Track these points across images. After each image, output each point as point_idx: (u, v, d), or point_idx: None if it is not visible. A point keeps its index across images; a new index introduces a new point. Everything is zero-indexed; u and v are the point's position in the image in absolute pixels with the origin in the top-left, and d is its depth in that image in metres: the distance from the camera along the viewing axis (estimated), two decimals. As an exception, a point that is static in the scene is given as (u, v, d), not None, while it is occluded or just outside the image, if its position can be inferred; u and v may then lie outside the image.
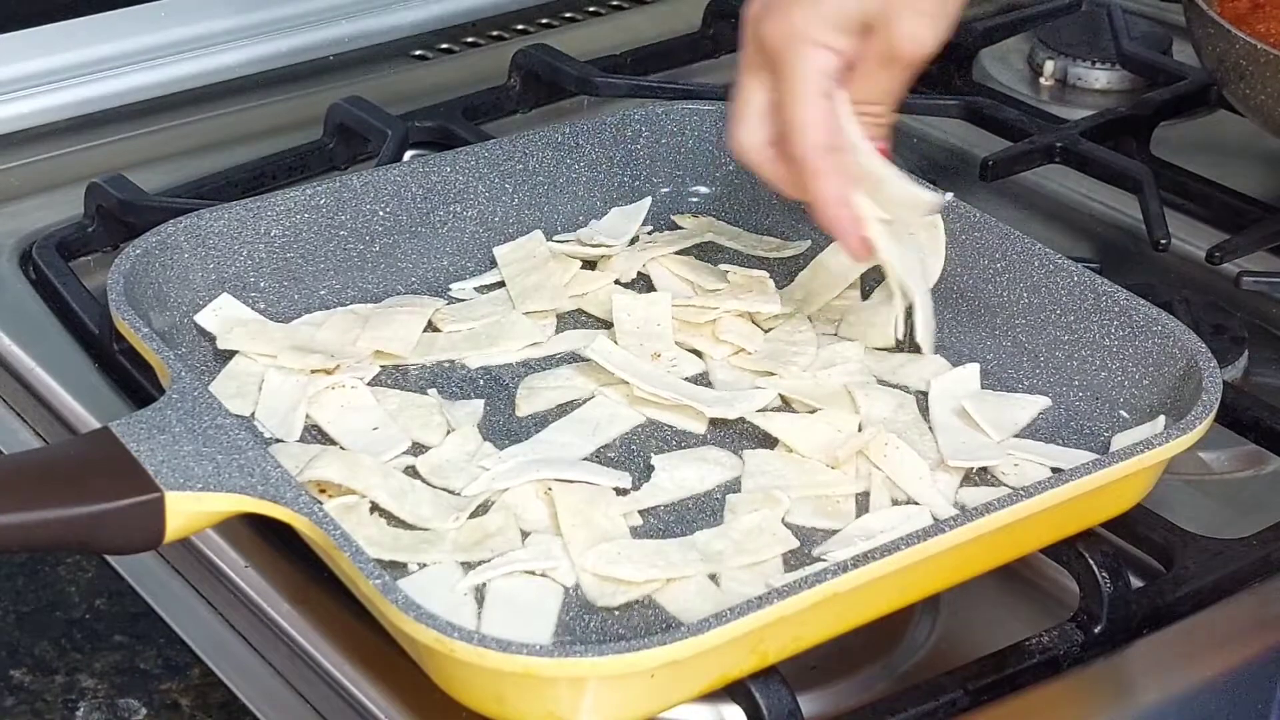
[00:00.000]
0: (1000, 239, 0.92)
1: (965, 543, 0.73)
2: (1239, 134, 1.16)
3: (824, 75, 0.81)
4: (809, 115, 0.82)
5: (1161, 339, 0.85)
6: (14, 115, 1.16)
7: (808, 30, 0.81)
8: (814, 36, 0.81)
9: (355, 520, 0.77)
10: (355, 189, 0.94)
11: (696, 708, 0.74)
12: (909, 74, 0.84)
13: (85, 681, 0.76)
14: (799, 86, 0.82)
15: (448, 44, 1.29)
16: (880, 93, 0.83)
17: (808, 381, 0.88)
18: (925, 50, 0.82)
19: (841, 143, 0.83)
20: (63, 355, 0.94)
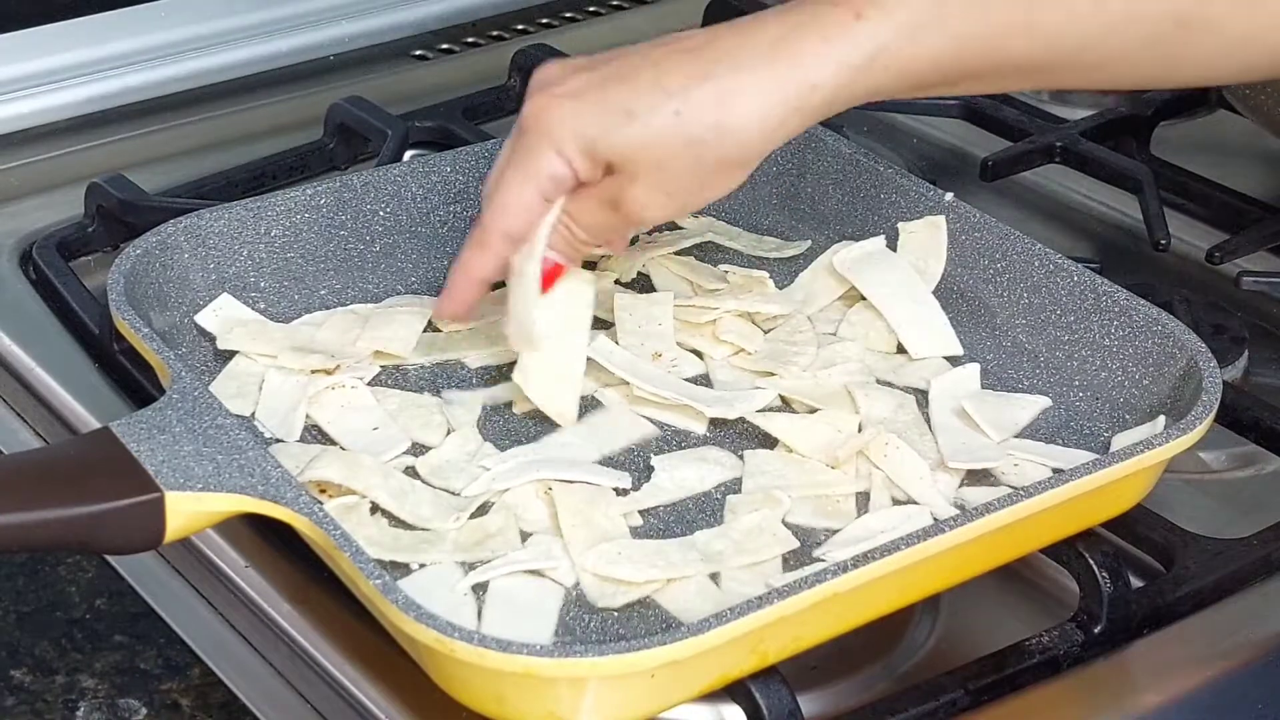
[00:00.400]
0: (1000, 239, 0.92)
1: (965, 543, 0.73)
2: (1239, 134, 1.16)
3: (546, 176, 0.80)
4: (509, 198, 0.81)
5: (1161, 339, 0.85)
6: (14, 115, 1.16)
7: (555, 130, 0.79)
8: (560, 145, 0.79)
9: (355, 520, 0.77)
10: (355, 189, 0.94)
11: (696, 708, 0.74)
12: (627, 229, 0.84)
13: (85, 681, 0.76)
14: (515, 170, 0.80)
15: (448, 44, 1.29)
16: (591, 225, 0.82)
17: (808, 381, 0.88)
18: (646, 220, 0.81)
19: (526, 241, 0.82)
20: (63, 355, 0.94)
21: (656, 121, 0.78)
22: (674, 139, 0.78)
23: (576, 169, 0.80)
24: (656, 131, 0.78)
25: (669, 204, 0.80)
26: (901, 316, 0.91)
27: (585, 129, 0.79)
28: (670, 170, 0.79)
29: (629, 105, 0.78)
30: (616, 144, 0.78)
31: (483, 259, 0.83)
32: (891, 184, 0.97)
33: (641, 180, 0.79)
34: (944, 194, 0.95)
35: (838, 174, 0.99)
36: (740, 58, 0.78)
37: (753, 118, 0.78)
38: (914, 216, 0.95)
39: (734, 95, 0.78)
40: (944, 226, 0.94)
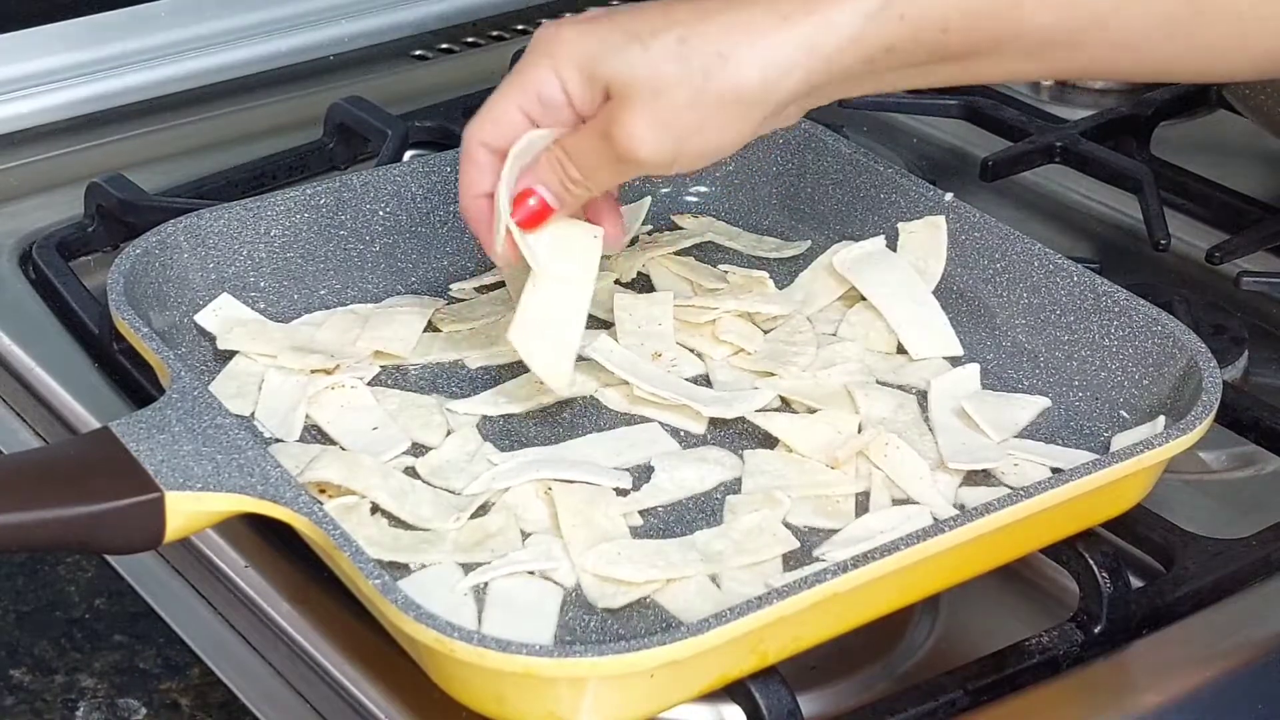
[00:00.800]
0: (1000, 239, 0.92)
1: (965, 543, 0.73)
2: (1239, 134, 1.16)
3: (535, 92, 0.78)
4: (488, 107, 0.79)
5: (1161, 339, 0.85)
6: (14, 115, 1.16)
7: (556, 49, 0.78)
8: (555, 57, 0.77)
9: (355, 520, 0.77)
10: (355, 189, 0.94)
11: (696, 708, 0.74)
12: (621, 168, 0.78)
13: (85, 681, 0.76)
14: (507, 82, 0.79)
15: (448, 44, 1.29)
16: (581, 157, 0.78)
17: (808, 381, 0.88)
18: (636, 155, 0.76)
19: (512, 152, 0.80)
20: (63, 355, 0.94)
21: (657, 45, 0.75)
22: (673, 64, 0.75)
23: (570, 91, 0.77)
24: (656, 54, 0.75)
25: (663, 138, 0.76)
26: (902, 317, 0.91)
27: (585, 49, 0.77)
28: (667, 99, 0.75)
29: (633, 29, 0.76)
30: (615, 65, 0.76)
31: (470, 172, 0.81)
32: (891, 184, 0.97)
33: (637, 107, 0.75)
34: (944, 194, 0.95)
35: (838, 174, 0.99)
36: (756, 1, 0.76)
37: (757, 52, 0.75)
38: (914, 216, 0.95)
39: (741, 28, 0.75)
40: (944, 226, 0.94)
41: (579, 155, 0.78)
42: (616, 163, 0.78)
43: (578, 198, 0.81)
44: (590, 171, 0.79)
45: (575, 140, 0.78)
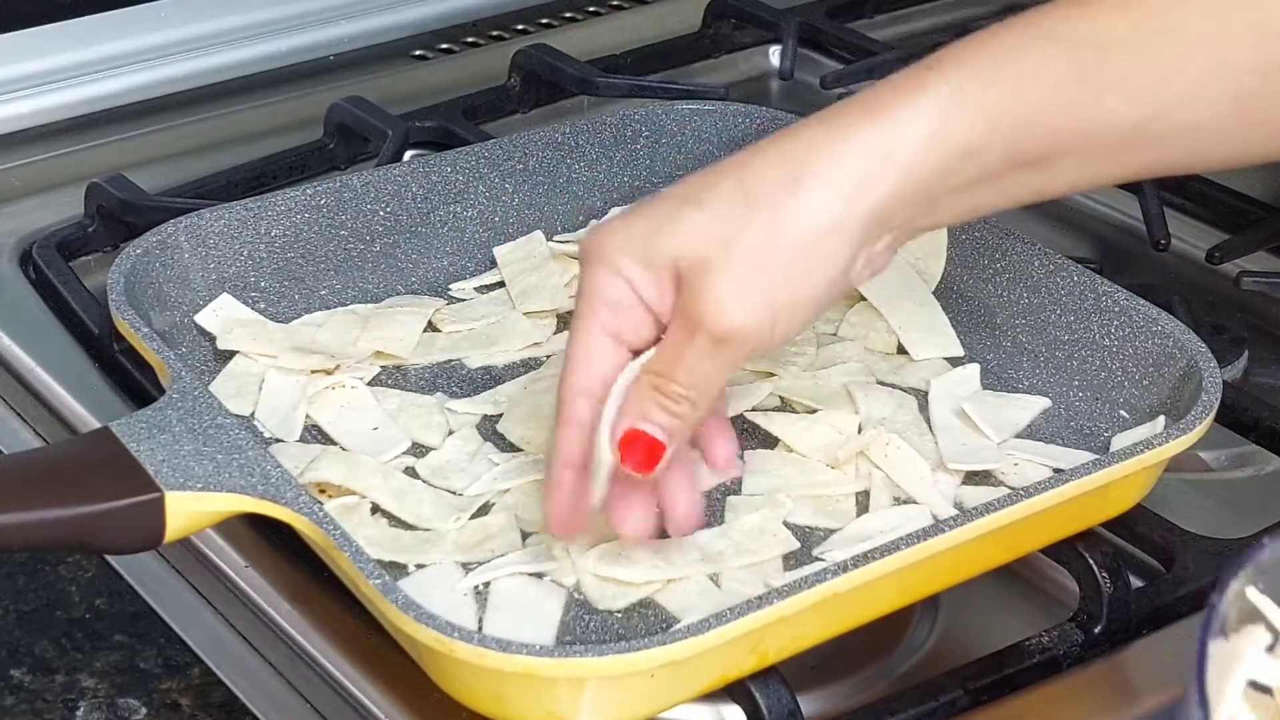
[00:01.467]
0: (1000, 239, 0.92)
1: (965, 543, 0.73)
2: (1239, 134, 1.16)
3: (608, 305, 0.69)
4: (573, 348, 0.70)
5: (1161, 339, 0.85)
6: (14, 115, 1.16)
7: (606, 248, 0.69)
8: (610, 258, 0.69)
9: (356, 521, 0.77)
10: (355, 189, 0.94)
11: (696, 708, 0.74)
12: (722, 355, 0.68)
13: (85, 681, 0.76)
14: (575, 317, 0.71)
15: (448, 44, 1.29)
16: (678, 368, 0.69)
17: (807, 382, 0.88)
18: (731, 324, 0.67)
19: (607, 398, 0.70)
20: (63, 355, 0.94)
21: (714, 197, 0.67)
22: (737, 211, 0.67)
23: (637, 286, 0.69)
24: (716, 208, 0.67)
25: (751, 296, 0.67)
26: (902, 318, 0.91)
27: (635, 235, 0.69)
28: (742, 251, 0.67)
29: (683, 194, 0.69)
30: (673, 238, 0.68)
31: (569, 434, 0.71)
32: (891, 184, 0.97)
33: (711, 273, 0.67)
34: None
35: (838, 174, 0.99)
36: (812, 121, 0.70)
37: (825, 170, 0.67)
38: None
39: (803, 149, 0.68)
40: (944, 226, 0.94)
41: (670, 366, 0.69)
42: (713, 350, 0.68)
43: (686, 418, 0.70)
44: (689, 375, 0.69)
45: (661, 351, 0.70)
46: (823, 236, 0.68)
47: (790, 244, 0.67)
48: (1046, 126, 0.70)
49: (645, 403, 0.70)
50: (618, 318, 0.70)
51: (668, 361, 0.69)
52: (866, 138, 0.68)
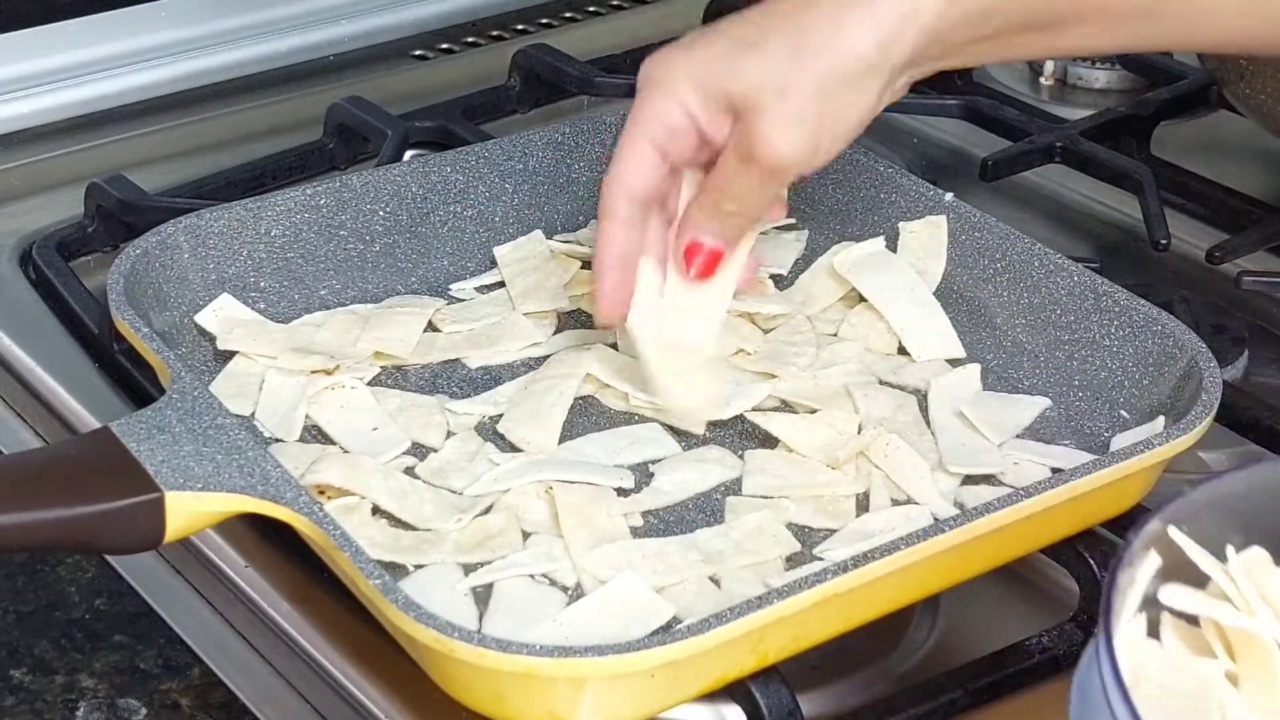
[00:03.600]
0: (1000, 239, 0.92)
1: (965, 543, 0.73)
2: (1239, 134, 1.16)
3: (663, 125, 0.77)
4: (622, 153, 0.79)
5: (1161, 339, 0.85)
6: (14, 115, 1.16)
7: (668, 76, 0.77)
8: (669, 83, 0.77)
9: (356, 521, 0.77)
10: (355, 189, 0.94)
11: (696, 708, 0.74)
12: (771, 182, 0.78)
13: (85, 681, 0.76)
14: (629, 126, 0.78)
15: (448, 44, 1.29)
16: (732, 187, 0.78)
17: (807, 382, 0.88)
18: (782, 160, 0.76)
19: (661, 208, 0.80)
20: (63, 355, 0.94)
21: (771, 43, 0.75)
22: (790, 58, 0.75)
23: (695, 114, 0.77)
24: (772, 53, 0.75)
25: (801, 134, 0.76)
26: (903, 319, 0.91)
27: (699, 69, 0.77)
28: (795, 93, 0.75)
29: (741, 36, 0.76)
30: (734, 77, 0.76)
31: (612, 228, 0.80)
32: (891, 184, 0.97)
33: (768, 111, 0.75)
34: (944, 194, 0.95)
35: (838, 174, 0.99)
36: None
37: (866, 22, 0.75)
38: (914, 216, 0.95)
39: (842, 10, 0.76)
40: (944, 226, 0.94)
41: (726, 186, 0.78)
42: (765, 177, 0.77)
43: (740, 230, 0.81)
44: (741, 196, 0.78)
45: (717, 175, 0.78)
46: (858, 81, 0.76)
47: (835, 86, 0.76)
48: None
49: (701, 216, 0.80)
50: (669, 136, 0.78)
51: (723, 183, 0.78)
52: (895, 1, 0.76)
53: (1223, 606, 0.59)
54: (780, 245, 0.97)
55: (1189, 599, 0.59)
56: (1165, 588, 0.59)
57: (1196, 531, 0.60)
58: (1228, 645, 0.59)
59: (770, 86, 0.75)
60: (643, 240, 0.81)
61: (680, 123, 0.78)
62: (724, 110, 0.77)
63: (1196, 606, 0.59)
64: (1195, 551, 0.59)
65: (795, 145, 0.76)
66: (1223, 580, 0.59)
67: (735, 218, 0.80)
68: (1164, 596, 0.59)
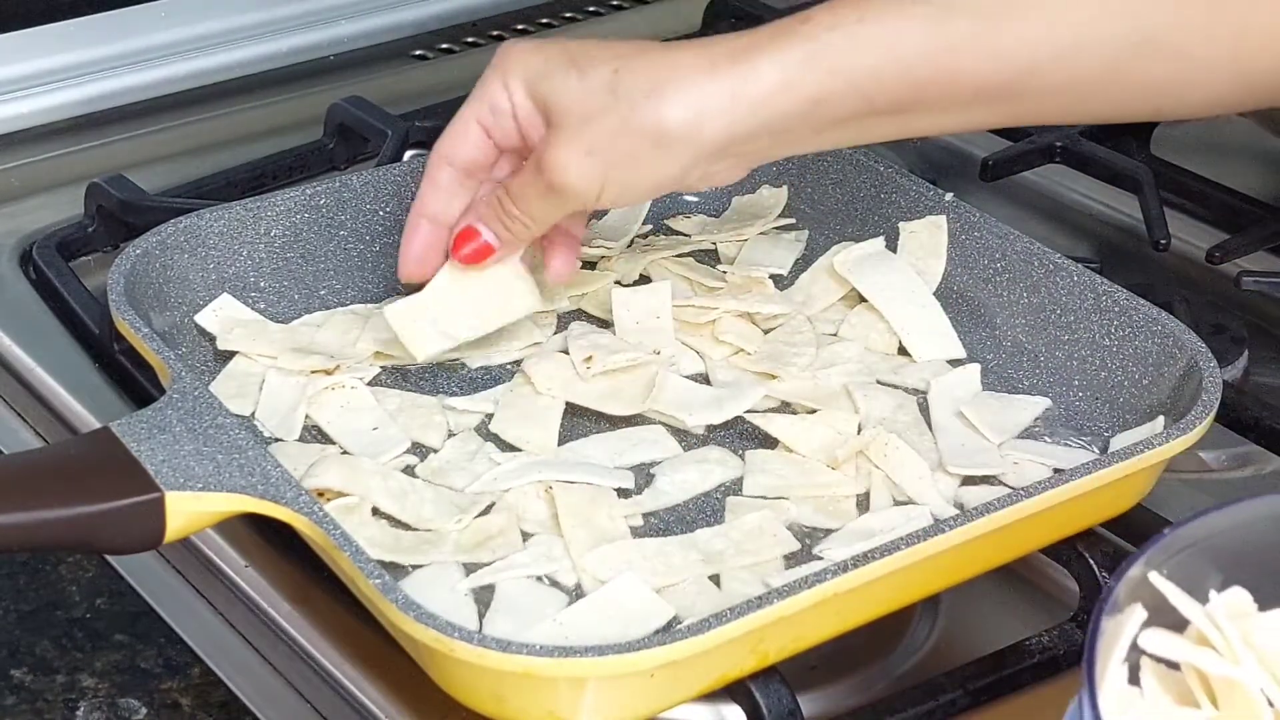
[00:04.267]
0: (1000, 239, 0.92)
1: (965, 543, 0.73)
2: (1239, 134, 1.16)
3: (489, 107, 0.81)
4: (452, 125, 0.83)
5: (1161, 339, 0.85)
6: (14, 115, 1.16)
7: (508, 64, 0.81)
8: (506, 71, 0.81)
9: (356, 521, 0.77)
10: (355, 189, 0.94)
11: (696, 708, 0.74)
12: (555, 201, 0.80)
13: (86, 681, 0.76)
14: (468, 100, 0.83)
15: (448, 44, 1.29)
16: (520, 196, 0.81)
17: (807, 382, 0.88)
18: (563, 183, 0.78)
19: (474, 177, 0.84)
20: (63, 355, 0.94)
21: (593, 74, 0.77)
22: (604, 94, 0.77)
23: (515, 103, 0.80)
24: (590, 83, 0.77)
25: (589, 166, 0.77)
26: (904, 320, 0.91)
27: (532, 66, 0.80)
28: (596, 127, 0.77)
29: (576, 57, 0.79)
30: (553, 88, 0.78)
31: (429, 191, 0.84)
32: (891, 184, 0.97)
33: (566, 133, 0.78)
34: (944, 194, 0.95)
35: (838, 174, 0.99)
36: (692, 47, 0.78)
37: (683, 92, 0.76)
38: (914, 216, 0.95)
39: (670, 67, 0.77)
40: (944, 226, 0.94)
41: (516, 189, 0.81)
42: (548, 193, 0.79)
43: (518, 236, 0.82)
44: (526, 205, 0.81)
45: (515, 177, 0.81)
46: (666, 143, 0.77)
47: (635, 138, 0.77)
48: (906, 83, 0.76)
49: (485, 208, 0.83)
50: (495, 119, 0.82)
51: (515, 186, 0.81)
52: (723, 76, 0.76)
53: (1206, 653, 0.57)
54: (780, 245, 0.97)
55: (1171, 645, 0.57)
56: (1146, 633, 0.57)
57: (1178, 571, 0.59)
58: (1210, 692, 0.57)
59: (578, 112, 0.77)
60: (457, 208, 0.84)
61: (504, 109, 0.81)
62: (539, 110, 0.80)
63: (1178, 653, 0.57)
64: (1178, 597, 0.58)
65: (578, 174, 0.78)
66: (1205, 626, 0.57)
67: (516, 222, 0.82)
68: (1144, 642, 0.57)
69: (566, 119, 0.78)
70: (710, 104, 0.76)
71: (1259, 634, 0.58)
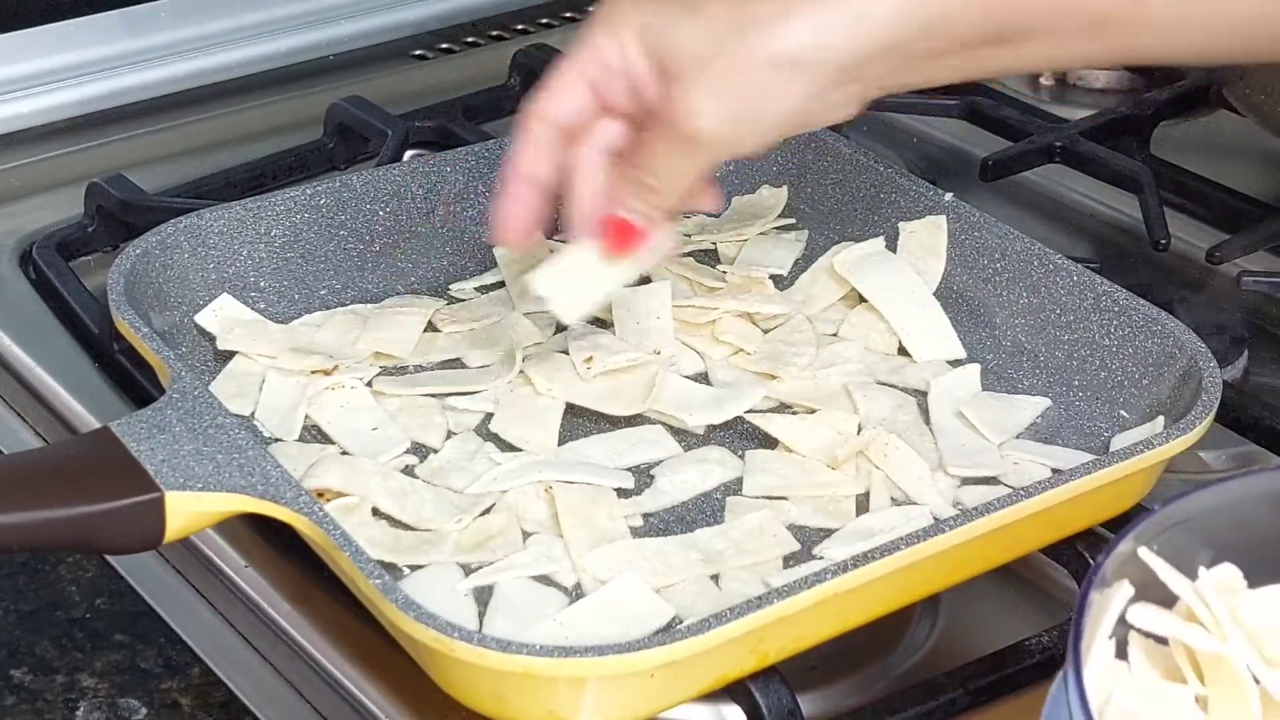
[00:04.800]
0: (1000, 239, 0.92)
1: (965, 543, 0.73)
2: (1239, 134, 1.16)
3: (598, 63, 0.76)
4: (553, 79, 0.77)
5: (1161, 339, 0.85)
6: (14, 115, 1.16)
7: (615, 16, 0.76)
8: (614, 24, 0.76)
9: (356, 521, 0.77)
10: (355, 189, 0.94)
11: (696, 708, 0.74)
12: (692, 156, 0.76)
13: (86, 681, 0.76)
14: (568, 57, 0.77)
15: (448, 44, 1.29)
16: (656, 164, 0.76)
17: (807, 382, 0.88)
18: (699, 130, 0.74)
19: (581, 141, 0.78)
20: (63, 355, 0.94)
21: (709, 10, 0.74)
22: (725, 29, 0.73)
23: (630, 59, 0.75)
24: (708, 21, 0.74)
25: (721, 107, 0.73)
26: (904, 320, 0.91)
27: (644, 19, 0.75)
28: (721, 65, 0.73)
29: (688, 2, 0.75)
30: (670, 36, 0.74)
31: (528, 152, 0.78)
32: (891, 184, 0.97)
33: (692, 78, 0.74)
34: (944, 194, 0.95)
35: (838, 174, 0.99)
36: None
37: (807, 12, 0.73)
38: (914, 216, 0.95)
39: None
40: (944, 226, 0.94)
41: (650, 158, 0.77)
42: (686, 148, 0.75)
43: (661, 207, 0.78)
44: (666, 171, 0.77)
45: (643, 147, 0.77)
46: (789, 73, 0.74)
47: (764, 68, 0.73)
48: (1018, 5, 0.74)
49: (625, 191, 0.78)
50: (601, 74, 0.77)
51: (647, 156, 0.76)
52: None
53: (1193, 629, 0.57)
54: (780, 245, 0.97)
55: (1158, 620, 0.58)
56: (1134, 607, 0.58)
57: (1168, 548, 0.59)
58: (1197, 668, 0.58)
59: (701, 53, 0.74)
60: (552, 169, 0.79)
61: (615, 64, 0.76)
62: (656, 67, 0.75)
63: (1166, 628, 0.58)
64: (1166, 572, 0.58)
65: (713, 119, 0.74)
66: (1194, 601, 0.58)
67: (656, 193, 0.77)
68: (1132, 617, 0.58)
69: (689, 63, 0.74)
70: (835, 25, 0.73)
71: (1247, 611, 0.58)
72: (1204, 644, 0.57)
